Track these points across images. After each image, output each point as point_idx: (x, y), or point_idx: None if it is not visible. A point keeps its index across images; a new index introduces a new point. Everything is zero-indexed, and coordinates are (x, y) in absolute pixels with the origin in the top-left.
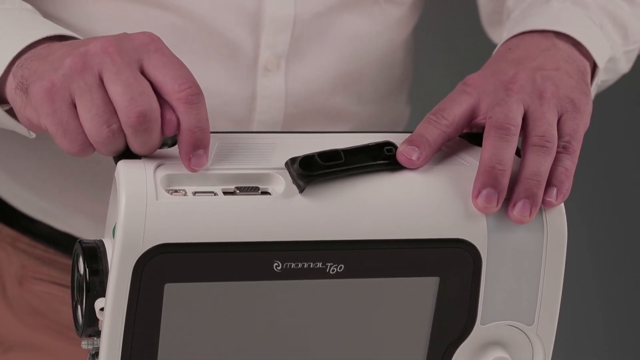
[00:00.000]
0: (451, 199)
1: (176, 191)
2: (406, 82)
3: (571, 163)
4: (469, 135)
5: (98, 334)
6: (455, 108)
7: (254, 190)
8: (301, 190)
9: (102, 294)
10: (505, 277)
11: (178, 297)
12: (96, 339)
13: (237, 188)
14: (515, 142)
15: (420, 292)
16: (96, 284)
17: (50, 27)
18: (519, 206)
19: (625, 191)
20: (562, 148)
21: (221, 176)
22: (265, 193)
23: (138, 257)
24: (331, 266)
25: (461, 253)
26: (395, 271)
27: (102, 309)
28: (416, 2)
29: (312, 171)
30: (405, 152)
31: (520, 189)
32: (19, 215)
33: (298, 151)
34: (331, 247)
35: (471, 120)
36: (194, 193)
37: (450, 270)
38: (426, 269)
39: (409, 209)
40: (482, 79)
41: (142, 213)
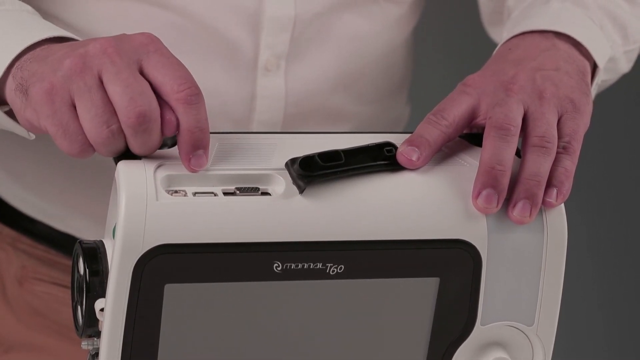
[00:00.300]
0: (451, 200)
1: (176, 192)
2: (406, 82)
3: (571, 163)
4: (469, 135)
5: (98, 335)
6: (455, 108)
7: (254, 190)
8: (301, 190)
9: (102, 295)
10: (505, 278)
11: (178, 298)
12: (96, 340)
13: (237, 189)
14: (515, 143)
15: (420, 293)
16: (96, 285)
17: (49, 29)
18: (519, 207)
19: (625, 191)
20: (562, 148)
21: (221, 177)
22: (265, 194)
23: (138, 258)
24: (331, 267)
25: (461, 253)
26: (395, 272)
27: (102, 310)
28: (416, 2)
29: (312, 172)
30: (405, 153)
31: (520, 190)
32: (19, 215)
33: (298, 152)
34: (331, 248)
35: (471, 120)
36: (194, 194)
37: (450, 270)
38: (426, 270)
39: (409, 210)
40: (482, 79)
41: (142, 214)
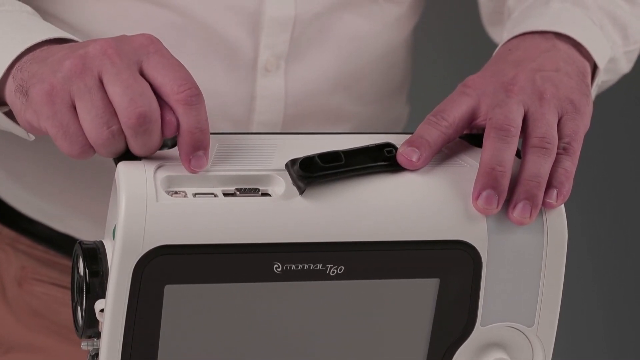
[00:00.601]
0: (451, 201)
1: (176, 192)
2: (406, 82)
3: (571, 164)
4: (469, 136)
5: (98, 335)
6: (455, 109)
7: (254, 191)
8: (301, 191)
9: (102, 295)
10: (505, 279)
11: (178, 299)
12: (96, 340)
13: (238, 189)
14: (515, 144)
15: (420, 294)
16: (96, 285)
17: (49, 30)
18: (519, 207)
19: (625, 192)
20: (563, 149)
21: (221, 177)
22: (265, 194)
23: (138, 259)
24: (331, 268)
25: (461, 254)
26: (395, 273)
27: (102, 310)
28: (416, 2)
29: (313, 172)
30: (405, 154)
31: (520, 191)
32: (19, 216)
33: (298, 152)
34: (331, 249)
35: (471, 121)
36: (194, 194)
37: (450, 271)
38: (426, 271)
39: (409, 211)
40: (482, 80)
41: (142, 214)
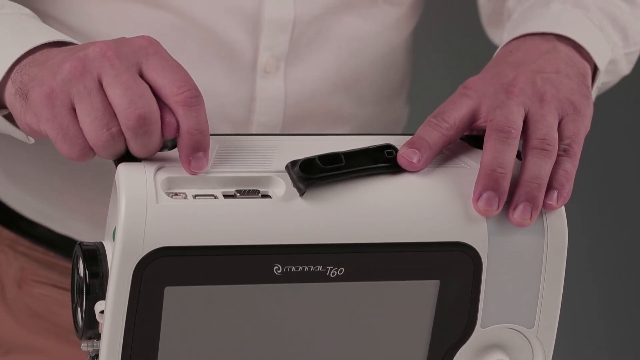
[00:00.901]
0: (452, 202)
1: (176, 194)
2: (405, 84)
3: (572, 166)
4: (470, 138)
5: (98, 337)
6: (455, 111)
7: (255, 193)
8: (301, 193)
9: (102, 297)
10: (505, 280)
11: (178, 300)
12: (96, 342)
13: (238, 191)
14: (515, 145)
15: (420, 295)
16: (96, 287)
17: (49, 33)
18: (520, 209)
19: (626, 194)
20: (563, 151)
21: (221, 179)
22: (265, 196)
23: (138, 260)
24: (331, 269)
25: (461, 256)
26: (395, 274)
27: (102, 312)
28: (415, 3)
29: (313, 174)
30: (405, 155)
31: (520, 192)
32: (19, 217)
33: (298, 154)
34: (331, 250)
35: (472, 123)
36: (194, 196)
37: (450, 273)
38: (426, 272)
39: (410, 212)
40: (483, 82)
41: (142, 216)
